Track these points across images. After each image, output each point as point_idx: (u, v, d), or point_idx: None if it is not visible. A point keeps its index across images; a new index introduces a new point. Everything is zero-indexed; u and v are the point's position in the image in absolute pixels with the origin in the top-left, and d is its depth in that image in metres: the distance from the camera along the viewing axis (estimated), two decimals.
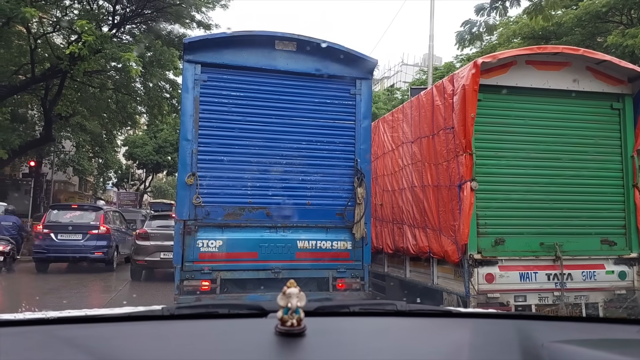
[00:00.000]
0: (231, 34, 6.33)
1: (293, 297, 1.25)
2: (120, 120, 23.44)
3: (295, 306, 1.25)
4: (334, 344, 1.29)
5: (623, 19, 14.49)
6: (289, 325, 1.26)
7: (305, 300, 1.27)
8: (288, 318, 1.26)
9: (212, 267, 5.87)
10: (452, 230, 6.03)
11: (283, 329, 1.26)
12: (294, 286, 1.27)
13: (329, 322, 1.51)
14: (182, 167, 6.00)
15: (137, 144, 36.90)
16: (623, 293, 6.08)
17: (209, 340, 1.31)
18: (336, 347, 1.26)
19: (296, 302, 1.25)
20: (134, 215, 20.88)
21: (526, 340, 1.33)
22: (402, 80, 46.07)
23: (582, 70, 6.25)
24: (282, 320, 1.26)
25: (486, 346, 1.36)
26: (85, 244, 13.46)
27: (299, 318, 1.26)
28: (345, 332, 1.43)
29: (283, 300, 1.26)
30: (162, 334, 1.37)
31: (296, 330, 1.26)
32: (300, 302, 1.26)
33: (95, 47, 14.57)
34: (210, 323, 1.48)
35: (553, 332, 1.47)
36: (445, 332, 1.39)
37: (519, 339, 1.34)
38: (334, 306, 1.68)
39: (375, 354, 1.25)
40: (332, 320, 1.54)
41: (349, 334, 1.40)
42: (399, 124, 8.05)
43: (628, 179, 6.28)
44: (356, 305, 1.65)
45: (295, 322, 1.26)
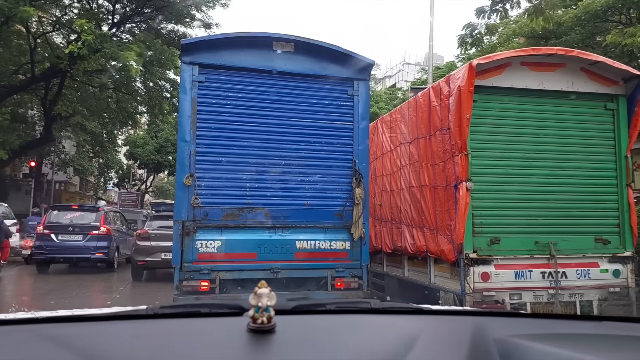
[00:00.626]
0: (228, 35, 6.38)
1: (263, 297, 1.35)
2: (120, 119, 23.50)
3: (265, 305, 1.34)
4: (303, 340, 1.37)
5: (622, 18, 14.51)
6: (260, 323, 1.35)
7: (275, 299, 1.36)
8: (259, 316, 1.35)
9: (211, 268, 5.93)
10: (449, 230, 6.10)
11: (254, 326, 1.35)
12: (264, 287, 1.37)
13: (304, 320, 1.59)
14: (180, 168, 6.06)
15: (138, 144, 36.94)
16: (617, 291, 6.15)
17: (187, 337, 1.39)
18: (304, 343, 1.34)
19: (266, 301, 1.35)
20: (134, 215, 20.94)
21: (481, 335, 1.39)
22: (404, 79, 46.13)
23: (577, 71, 6.31)
24: (253, 318, 1.36)
25: (443, 341, 1.44)
26: (86, 245, 13.52)
27: (269, 316, 1.36)
28: (317, 329, 1.50)
29: (254, 300, 1.36)
30: (144, 332, 1.44)
31: (266, 328, 1.35)
32: (271, 302, 1.35)
33: (95, 47, 14.62)
34: (191, 322, 1.55)
35: (509, 327, 1.54)
36: (410, 329, 1.46)
37: (475, 334, 1.40)
38: (310, 305, 1.77)
39: (340, 349, 1.33)
40: (307, 318, 1.63)
41: (320, 331, 1.48)
42: (397, 125, 8.11)
43: (622, 178, 6.34)
44: (332, 304, 1.74)
45: (265, 320, 1.35)
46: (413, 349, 1.27)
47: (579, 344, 1.34)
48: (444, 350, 1.35)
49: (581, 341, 1.39)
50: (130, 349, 1.30)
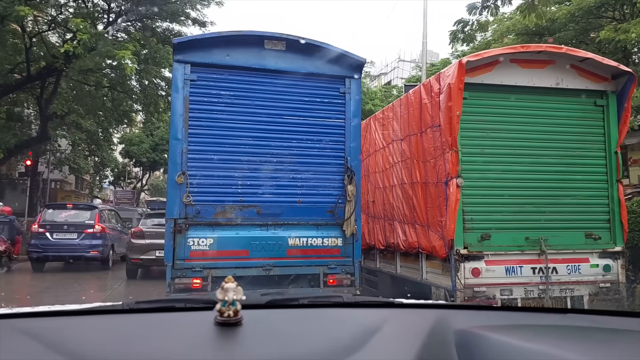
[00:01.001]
0: (220, 34, 6.40)
1: (230, 291, 1.39)
2: (116, 118, 23.45)
3: (231, 299, 1.39)
4: (269, 333, 1.40)
5: (616, 14, 14.57)
6: (226, 317, 1.39)
7: (242, 293, 1.41)
8: (225, 310, 1.39)
9: (203, 265, 5.96)
10: (440, 226, 6.13)
11: (220, 319, 1.39)
12: (231, 281, 1.42)
13: (277, 314, 1.63)
14: (172, 166, 6.09)
15: (133, 142, 36.87)
16: (607, 286, 6.20)
17: (158, 330, 1.43)
18: (270, 336, 1.38)
19: (232, 295, 1.39)
20: (130, 213, 20.93)
21: (442, 327, 1.43)
22: (399, 76, 46.14)
23: (566, 68, 6.34)
24: (220, 311, 1.40)
25: (403, 332, 1.47)
26: (81, 243, 13.53)
27: (235, 310, 1.40)
28: (288, 322, 1.54)
29: (221, 294, 1.40)
30: (118, 326, 1.48)
31: (232, 321, 1.39)
32: (237, 296, 1.39)
33: (90, 45, 14.60)
34: (165, 316, 1.59)
35: (474, 319, 1.57)
36: (374, 320, 1.49)
37: (436, 326, 1.44)
38: (283, 299, 1.80)
39: (303, 341, 1.37)
40: (280, 312, 1.66)
41: (290, 324, 1.51)
42: (390, 122, 8.14)
43: (612, 174, 6.39)
44: (305, 298, 1.77)
45: (232, 313, 1.39)
46: (371, 339, 1.31)
47: (538, 334, 1.37)
48: (400, 340, 1.39)
49: (541, 331, 1.42)
50: (104, 341, 1.33)
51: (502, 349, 1.22)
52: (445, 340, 1.32)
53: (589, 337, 1.35)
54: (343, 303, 1.78)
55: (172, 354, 1.27)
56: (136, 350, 1.28)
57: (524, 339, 1.28)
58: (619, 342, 1.29)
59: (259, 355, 1.26)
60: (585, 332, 1.43)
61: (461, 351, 1.25)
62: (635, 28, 11.54)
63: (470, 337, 1.32)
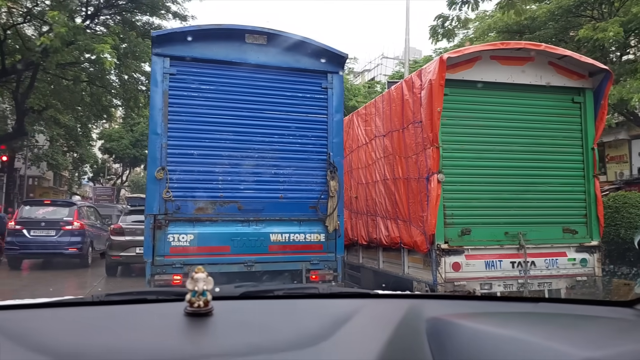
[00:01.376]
0: (200, 27, 6.34)
1: (200, 281, 1.38)
2: (95, 113, 23.10)
3: (201, 289, 1.37)
4: (240, 323, 1.40)
5: (594, 13, 14.79)
6: (196, 307, 1.37)
7: (212, 284, 1.40)
8: (195, 300, 1.38)
9: (183, 262, 5.91)
10: (421, 221, 6.18)
11: (190, 310, 1.38)
12: (201, 271, 1.40)
13: (252, 305, 1.62)
14: (151, 162, 6.01)
15: (113, 138, 36.45)
16: (584, 279, 6.31)
17: (128, 322, 1.42)
18: (240, 327, 1.38)
19: (202, 286, 1.37)
20: (109, 210, 20.68)
21: (414, 315, 1.44)
22: (382, 73, 46.28)
23: (545, 65, 6.43)
24: (190, 302, 1.38)
25: (374, 320, 1.48)
26: (59, 240, 13.31)
27: (205, 300, 1.39)
28: (261, 313, 1.54)
29: (191, 284, 1.38)
30: (86, 318, 1.46)
31: (202, 311, 1.38)
32: (207, 286, 1.38)
33: (68, 39, 14.33)
34: (135, 307, 1.58)
35: (447, 308, 1.59)
36: (346, 310, 1.49)
37: (408, 314, 1.45)
38: (258, 291, 1.80)
39: (273, 331, 1.37)
40: (256, 303, 1.66)
41: (262, 315, 1.51)
42: (372, 118, 8.16)
43: (589, 170, 6.50)
44: (281, 290, 1.77)
45: (202, 303, 1.38)
46: (341, 328, 1.31)
47: (508, 321, 1.39)
48: (370, 329, 1.40)
49: (511, 318, 1.44)
50: (69, 333, 1.31)
51: (472, 335, 1.23)
52: (416, 328, 1.33)
53: (555, 323, 1.37)
54: (318, 294, 1.78)
55: (140, 345, 1.25)
56: (103, 342, 1.27)
57: (494, 325, 1.30)
58: (582, 326, 1.31)
59: (227, 345, 1.25)
60: (552, 318, 1.45)
61: (432, 338, 1.26)
62: (613, 27, 11.73)
63: (442, 324, 1.33)
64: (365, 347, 1.25)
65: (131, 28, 17.95)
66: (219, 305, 1.43)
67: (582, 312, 1.57)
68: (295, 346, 1.22)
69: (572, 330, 1.26)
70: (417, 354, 1.24)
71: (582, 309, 1.62)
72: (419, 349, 1.25)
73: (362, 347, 1.27)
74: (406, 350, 1.27)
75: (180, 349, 1.26)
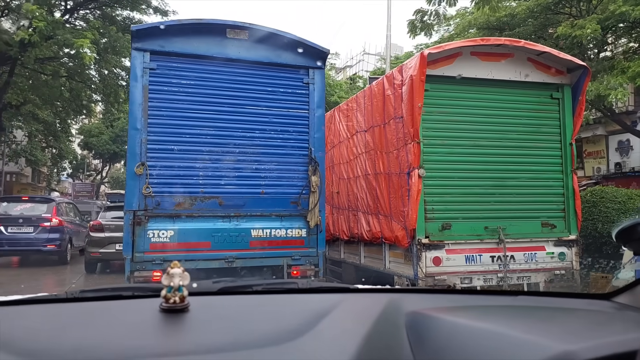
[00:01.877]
0: (181, 22, 6.30)
1: (176, 277, 1.35)
2: (74, 108, 22.71)
3: (177, 285, 1.35)
4: (217, 319, 1.39)
5: (573, 10, 14.98)
6: (172, 303, 1.35)
7: (188, 279, 1.37)
8: (171, 296, 1.36)
9: (163, 258, 5.86)
10: (402, 216, 6.21)
11: (166, 306, 1.36)
12: (177, 267, 1.37)
13: (230, 301, 1.61)
14: (131, 157, 5.95)
15: (92, 133, 35.93)
16: (562, 273, 6.41)
17: (102, 318, 1.40)
18: (217, 322, 1.36)
19: (178, 281, 1.35)
20: (89, 206, 20.40)
21: (393, 309, 1.44)
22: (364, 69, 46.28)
23: (524, 61, 6.50)
24: (165, 298, 1.36)
25: (352, 315, 1.48)
26: (37, 237, 13.07)
27: (181, 296, 1.36)
28: (239, 308, 1.53)
29: (167, 280, 1.36)
30: (60, 314, 1.44)
31: (178, 307, 1.36)
32: (184, 281, 1.36)
33: (47, 34, 14.08)
34: (110, 304, 1.56)
35: (427, 302, 1.60)
36: (325, 305, 1.49)
37: (387, 308, 1.45)
38: (237, 286, 1.79)
39: (250, 326, 1.36)
40: (234, 299, 1.65)
41: (240, 310, 1.50)
42: (354, 113, 8.18)
43: (567, 165, 6.59)
44: (259, 285, 1.76)
45: (178, 299, 1.36)
46: (319, 323, 1.30)
47: (487, 314, 1.40)
48: (349, 323, 1.40)
49: (490, 312, 1.45)
50: (41, 330, 1.29)
51: (451, 329, 1.23)
52: (395, 323, 1.33)
53: (533, 316, 1.39)
54: (297, 289, 1.77)
55: (114, 342, 1.23)
56: (75, 339, 1.24)
57: (473, 318, 1.30)
58: (561, 318, 1.33)
59: (204, 341, 1.24)
60: (531, 311, 1.46)
61: (411, 332, 1.26)
62: (591, 24, 11.90)
63: (421, 318, 1.33)
64: (344, 341, 1.25)
65: (111, 23, 17.70)
66: (196, 301, 1.42)
67: (560, 305, 1.59)
68: (273, 342, 1.21)
69: (550, 323, 1.27)
70: (396, 348, 1.24)
71: (560, 302, 1.64)
72: (398, 343, 1.25)
73: (340, 341, 1.26)
74: (385, 345, 1.27)
75: (155, 345, 1.24)
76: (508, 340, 1.09)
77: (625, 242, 1.40)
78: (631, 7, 11.60)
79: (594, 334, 1.08)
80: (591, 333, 1.10)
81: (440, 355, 1.16)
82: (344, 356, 1.14)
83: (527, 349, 1.01)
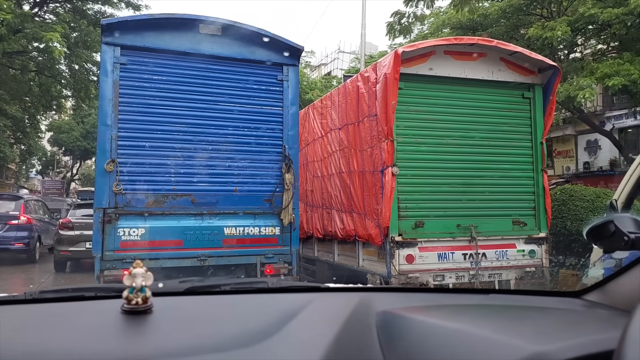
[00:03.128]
0: (152, 16, 6.19)
1: (138, 277, 1.31)
2: (44, 104, 22.21)
3: (139, 285, 1.31)
4: (182, 320, 1.35)
5: (544, 12, 15.23)
6: (134, 304, 1.31)
7: (151, 279, 1.33)
8: (133, 297, 1.31)
9: (134, 256, 5.74)
10: (376, 214, 6.22)
11: (128, 307, 1.31)
12: (139, 266, 1.33)
13: (194, 301, 1.57)
14: (100, 154, 5.82)
15: (63, 130, 35.18)
16: (532, 270, 6.51)
17: (62, 320, 1.35)
18: (181, 324, 1.32)
19: (141, 282, 1.31)
20: (58, 204, 19.96)
21: (363, 308, 1.43)
22: (339, 67, 46.30)
23: (497, 60, 6.58)
24: (127, 299, 1.32)
25: (322, 314, 1.46)
26: (5, 235, 12.74)
27: (144, 297, 1.32)
28: (205, 309, 1.49)
29: (128, 280, 1.31)
30: (18, 316, 1.39)
31: (141, 309, 1.31)
32: (146, 282, 1.31)
33: (15, 27, 13.71)
34: (71, 305, 1.50)
35: (398, 301, 1.59)
36: (294, 305, 1.47)
37: (358, 308, 1.43)
38: (204, 286, 1.75)
39: (216, 327, 1.33)
40: (202, 299, 1.61)
41: (207, 311, 1.47)
42: (328, 111, 8.16)
43: (537, 164, 6.70)
44: (227, 285, 1.72)
45: (140, 300, 1.32)
46: (288, 323, 1.28)
47: (459, 314, 1.39)
48: (319, 323, 1.37)
49: (461, 311, 1.45)
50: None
51: (422, 329, 1.22)
52: (366, 322, 1.31)
53: (505, 315, 1.39)
54: (267, 289, 1.74)
55: (71, 345, 1.18)
56: (30, 342, 1.19)
57: (444, 318, 1.29)
58: (532, 318, 1.33)
59: (167, 344, 1.20)
60: (503, 311, 1.46)
61: (382, 332, 1.25)
62: (561, 26, 12.12)
63: (392, 317, 1.32)
64: (313, 343, 1.23)
65: (82, 17, 17.33)
66: (160, 301, 1.37)
67: (531, 303, 1.59)
68: (239, 344, 1.18)
69: (522, 323, 1.27)
70: (367, 349, 1.22)
71: (531, 300, 1.64)
72: (369, 343, 1.23)
73: (309, 343, 1.24)
74: (355, 346, 1.25)
75: (115, 349, 1.19)
76: (480, 341, 1.08)
77: (595, 240, 1.42)
78: (600, 10, 11.86)
79: (567, 334, 1.08)
80: (564, 333, 1.09)
81: (411, 356, 1.15)
82: (313, 358, 1.12)
83: (500, 350, 1.01)
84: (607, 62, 12.46)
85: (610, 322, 1.21)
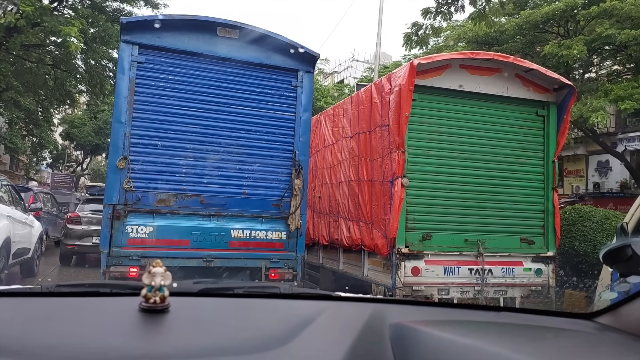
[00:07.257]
0: (171, 17, 6.23)
1: (157, 276, 1.31)
2: (58, 97, 22.36)
3: (158, 284, 1.31)
4: (197, 321, 1.35)
5: (560, 30, 15.20)
6: (152, 303, 1.32)
7: (170, 279, 1.34)
8: (151, 296, 1.32)
9: (141, 254, 5.78)
10: (383, 224, 6.21)
11: (145, 305, 1.32)
12: (159, 266, 1.34)
13: (210, 303, 1.58)
14: (113, 150, 5.87)
15: (75, 124, 35.42)
16: (539, 289, 6.47)
17: (78, 315, 1.35)
18: (197, 324, 1.33)
19: (160, 281, 1.31)
20: (67, 198, 20.09)
21: (377, 320, 1.42)
22: (352, 75, 46.37)
23: (512, 77, 6.56)
24: (145, 297, 1.32)
25: (337, 324, 1.46)
26: None
27: (162, 296, 1.33)
28: (219, 311, 1.50)
29: (148, 279, 1.32)
30: (34, 309, 1.39)
31: (158, 307, 1.32)
32: (165, 281, 1.32)
33: (34, 19, 13.85)
34: (87, 300, 1.51)
35: (411, 314, 1.58)
36: (308, 312, 1.47)
37: (372, 319, 1.43)
38: (217, 288, 1.75)
39: (231, 330, 1.33)
40: (214, 301, 1.61)
41: (221, 313, 1.47)
42: (340, 119, 8.17)
43: (548, 182, 6.67)
44: (241, 288, 1.73)
45: (158, 299, 1.32)
46: (303, 331, 1.28)
47: (473, 330, 1.38)
48: (334, 333, 1.37)
49: (475, 327, 1.44)
50: (12, 325, 1.24)
51: (437, 343, 1.22)
52: (380, 334, 1.31)
53: (520, 334, 1.38)
54: (280, 294, 1.74)
55: (89, 341, 1.19)
56: (48, 336, 1.19)
57: (459, 334, 1.29)
58: (548, 338, 1.32)
59: (183, 343, 1.20)
60: (517, 329, 1.46)
61: (396, 344, 1.24)
62: (577, 45, 12.09)
63: (406, 330, 1.31)
64: (329, 350, 1.23)
65: (101, 13, 17.48)
66: (175, 301, 1.38)
67: (544, 323, 1.58)
68: (257, 348, 1.18)
69: (538, 343, 1.26)
70: None
71: (543, 320, 1.63)
72: (383, 354, 1.23)
73: (326, 350, 1.24)
74: (370, 355, 1.25)
75: (133, 346, 1.20)
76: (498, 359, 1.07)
77: (612, 263, 1.40)
78: (617, 31, 11.81)
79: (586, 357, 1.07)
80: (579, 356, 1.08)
81: None
82: None
83: None
84: (622, 85, 12.39)
85: (626, 347, 1.20)
